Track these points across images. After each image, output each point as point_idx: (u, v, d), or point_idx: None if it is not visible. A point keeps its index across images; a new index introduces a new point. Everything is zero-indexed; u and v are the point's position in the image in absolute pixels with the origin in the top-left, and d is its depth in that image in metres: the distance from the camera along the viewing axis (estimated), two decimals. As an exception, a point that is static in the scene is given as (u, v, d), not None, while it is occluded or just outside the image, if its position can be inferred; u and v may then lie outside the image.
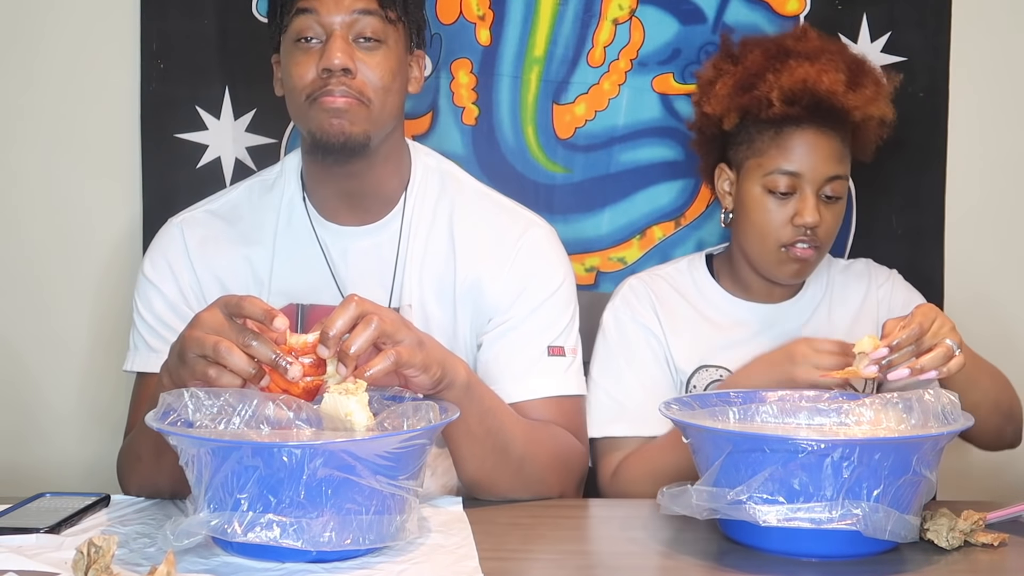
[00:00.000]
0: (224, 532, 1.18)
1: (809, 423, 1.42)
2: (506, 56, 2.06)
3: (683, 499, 1.29)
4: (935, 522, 1.32)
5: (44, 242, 2.08)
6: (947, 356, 1.43)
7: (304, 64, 1.54)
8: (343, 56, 1.52)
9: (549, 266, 1.65)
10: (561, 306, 1.64)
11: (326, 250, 1.64)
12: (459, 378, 1.39)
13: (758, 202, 1.73)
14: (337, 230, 1.64)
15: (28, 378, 2.09)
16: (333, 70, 1.52)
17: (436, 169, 1.69)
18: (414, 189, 1.66)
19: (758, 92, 1.72)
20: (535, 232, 1.67)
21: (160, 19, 2.03)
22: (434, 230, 1.65)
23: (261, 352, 1.25)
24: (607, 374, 1.74)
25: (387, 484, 1.21)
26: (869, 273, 1.87)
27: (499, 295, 1.62)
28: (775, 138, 1.72)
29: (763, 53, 1.77)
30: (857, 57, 1.79)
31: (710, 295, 1.82)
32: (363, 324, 1.28)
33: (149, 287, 1.64)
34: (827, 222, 1.72)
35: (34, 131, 2.07)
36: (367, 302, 1.30)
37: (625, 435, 1.70)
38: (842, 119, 1.73)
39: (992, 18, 2.09)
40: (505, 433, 1.49)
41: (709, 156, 1.85)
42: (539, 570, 1.29)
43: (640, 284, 1.81)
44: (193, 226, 1.66)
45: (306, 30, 1.54)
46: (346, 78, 1.52)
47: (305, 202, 1.66)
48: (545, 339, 1.62)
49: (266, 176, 1.71)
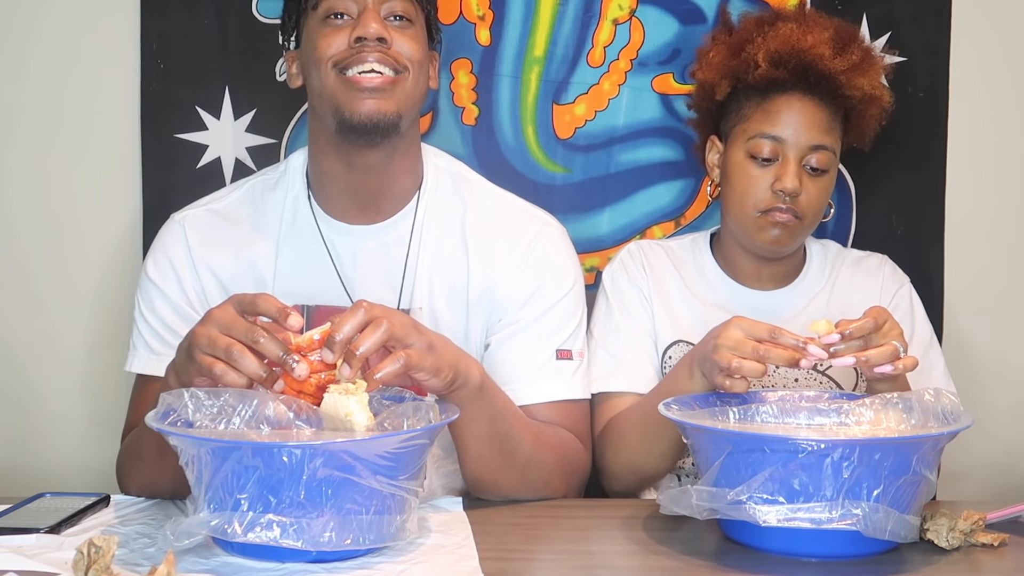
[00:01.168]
0: (224, 532, 1.18)
1: (809, 423, 1.42)
2: (506, 56, 2.06)
3: (683, 499, 1.29)
4: (935, 522, 1.32)
5: (44, 242, 2.08)
6: (893, 355, 1.42)
7: (333, 35, 1.54)
8: (379, 25, 1.52)
9: (563, 266, 1.65)
10: (571, 309, 1.64)
11: (332, 250, 1.63)
12: (472, 380, 1.39)
13: (740, 167, 1.73)
14: (345, 229, 1.63)
15: (28, 378, 2.09)
16: (368, 38, 1.51)
17: (447, 170, 1.69)
18: (427, 189, 1.65)
19: (746, 54, 1.74)
20: (548, 232, 1.66)
21: (160, 19, 2.03)
22: (445, 232, 1.64)
23: (269, 349, 1.25)
24: (606, 331, 1.76)
25: (387, 484, 1.21)
26: (883, 272, 1.85)
27: (511, 295, 1.61)
28: (761, 103, 1.73)
29: (755, 20, 1.81)
30: (849, 27, 1.80)
31: (705, 272, 1.83)
32: (372, 327, 1.27)
33: (152, 288, 1.63)
34: (810, 193, 1.70)
35: (34, 131, 2.07)
36: (377, 306, 1.30)
37: (621, 390, 1.71)
38: (831, 90, 1.72)
39: (992, 17, 2.09)
40: (514, 436, 1.48)
41: (704, 132, 1.86)
42: (539, 570, 1.29)
43: (637, 249, 1.84)
44: (195, 224, 1.65)
45: (337, 6, 1.54)
46: (381, 47, 1.52)
47: (311, 200, 1.64)
48: (554, 342, 1.61)
49: (269, 175, 1.70)
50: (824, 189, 1.73)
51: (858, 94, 1.75)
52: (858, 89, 1.74)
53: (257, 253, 1.63)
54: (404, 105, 1.55)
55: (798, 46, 1.71)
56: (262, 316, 1.27)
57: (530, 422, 1.53)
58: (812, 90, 1.71)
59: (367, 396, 1.27)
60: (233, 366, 1.24)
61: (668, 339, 1.77)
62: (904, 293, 1.83)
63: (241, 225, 1.65)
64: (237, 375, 1.25)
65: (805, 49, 1.71)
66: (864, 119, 1.80)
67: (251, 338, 1.25)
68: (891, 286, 1.83)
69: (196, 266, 1.62)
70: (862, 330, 1.42)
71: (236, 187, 1.70)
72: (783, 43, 1.72)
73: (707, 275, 1.82)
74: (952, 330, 2.09)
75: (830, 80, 1.72)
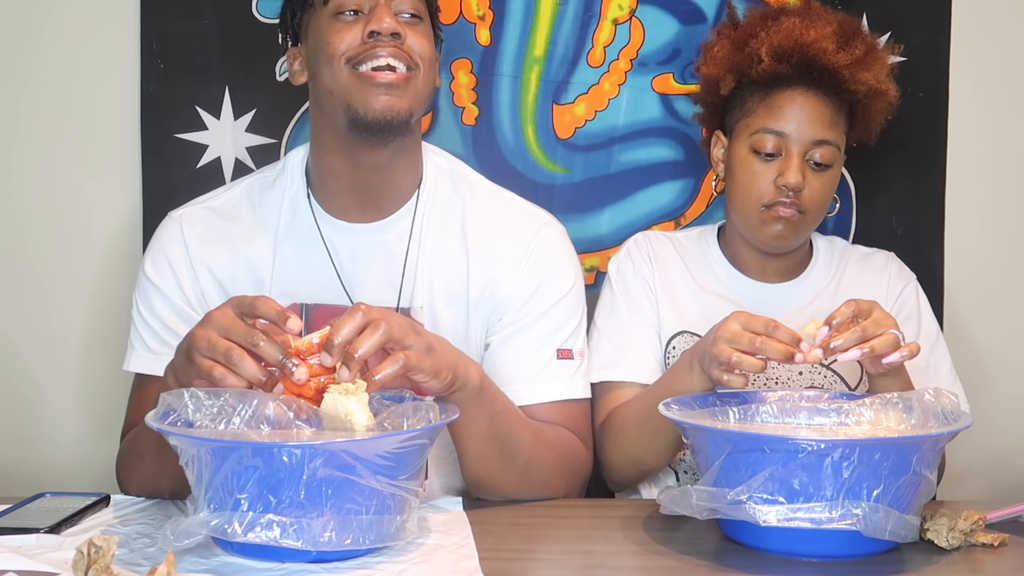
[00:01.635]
0: (224, 532, 1.18)
1: (809, 423, 1.42)
2: (506, 56, 2.06)
3: (683, 499, 1.29)
4: (935, 522, 1.32)
5: (44, 241, 2.07)
6: (895, 343, 1.42)
7: (346, 30, 1.53)
8: (392, 21, 1.52)
9: (563, 266, 1.65)
10: (571, 308, 1.64)
11: (331, 248, 1.62)
12: (471, 381, 1.39)
13: (744, 162, 1.73)
14: (344, 227, 1.62)
15: (28, 377, 2.09)
16: (383, 32, 1.51)
17: (447, 169, 1.68)
18: (426, 187, 1.65)
19: (749, 49, 1.74)
20: (548, 232, 1.66)
21: (160, 19, 2.03)
22: (445, 231, 1.63)
23: (268, 353, 1.25)
24: (610, 322, 1.77)
25: (387, 484, 1.21)
26: (889, 270, 1.84)
27: (511, 295, 1.61)
28: (764, 98, 1.73)
29: (760, 15, 1.81)
30: (853, 21, 1.79)
31: (712, 264, 1.83)
32: (371, 329, 1.27)
33: (150, 287, 1.62)
34: (814, 188, 1.70)
35: (34, 130, 2.07)
36: (375, 308, 1.30)
37: (622, 379, 1.71)
38: (835, 85, 1.72)
39: (992, 17, 2.09)
40: (513, 436, 1.48)
41: (709, 126, 1.86)
42: (539, 570, 1.29)
43: (644, 240, 1.84)
44: (193, 222, 1.64)
45: (348, 2, 1.54)
46: (395, 42, 1.52)
47: (310, 199, 1.64)
48: (555, 342, 1.61)
49: (267, 173, 1.69)
50: (828, 184, 1.73)
51: (863, 88, 1.74)
52: (862, 83, 1.74)
53: (255, 251, 1.63)
54: (416, 103, 1.55)
55: (801, 40, 1.71)
56: (261, 319, 1.27)
57: (530, 422, 1.53)
58: (816, 85, 1.71)
59: (367, 396, 1.27)
60: (232, 370, 1.24)
61: (672, 329, 1.77)
62: (911, 290, 1.83)
63: (239, 223, 1.64)
64: (236, 379, 1.25)
65: (808, 43, 1.71)
66: (869, 114, 1.79)
67: (250, 342, 1.25)
68: (897, 283, 1.82)
69: (194, 265, 1.62)
70: (844, 315, 1.42)
71: (234, 185, 1.70)
72: (786, 37, 1.72)
73: (713, 267, 1.82)
74: (952, 329, 2.08)
75: (833, 74, 1.71)
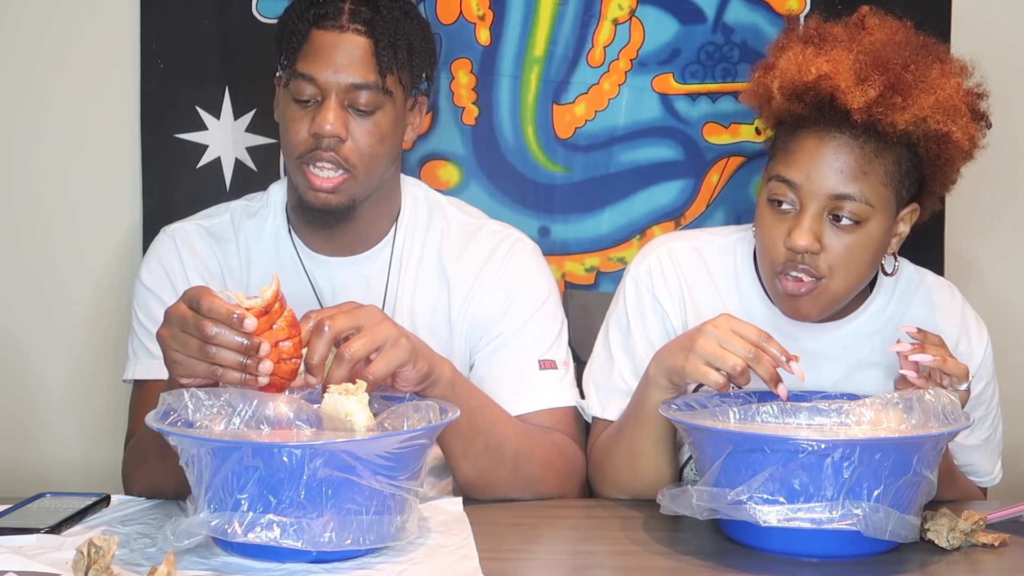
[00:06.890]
0: (224, 532, 1.18)
1: (809, 423, 1.42)
2: (506, 56, 2.05)
3: (683, 499, 1.30)
4: (935, 522, 1.32)
5: (44, 242, 2.07)
6: (967, 374, 1.41)
7: (299, 122, 1.57)
8: (335, 124, 1.54)
9: (533, 281, 1.67)
10: (548, 320, 1.66)
11: (313, 280, 1.66)
12: (444, 375, 1.43)
13: (761, 212, 1.50)
14: (324, 261, 1.67)
15: (28, 377, 2.09)
16: (324, 136, 1.54)
17: (424, 199, 1.72)
18: (404, 220, 1.69)
19: (766, 83, 1.50)
20: (519, 248, 1.69)
21: (160, 19, 2.03)
22: (424, 262, 1.67)
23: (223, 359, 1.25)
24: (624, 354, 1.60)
25: (387, 484, 1.21)
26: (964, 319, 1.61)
27: (488, 312, 1.64)
28: (786, 140, 1.48)
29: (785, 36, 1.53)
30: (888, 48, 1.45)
31: (744, 288, 1.59)
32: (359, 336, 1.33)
33: (147, 294, 1.65)
34: (835, 251, 1.44)
35: (34, 131, 2.06)
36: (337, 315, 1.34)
37: None
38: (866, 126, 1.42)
39: (992, 18, 2.09)
40: (496, 431, 1.50)
41: None
42: (539, 570, 1.29)
43: (669, 261, 1.61)
44: (186, 237, 1.68)
45: (303, 93, 1.56)
46: (335, 144, 1.55)
47: (291, 234, 1.68)
48: (535, 353, 1.63)
49: (251, 204, 1.72)
50: (857, 246, 1.44)
51: (901, 132, 1.43)
52: (896, 126, 1.42)
53: (241, 278, 1.66)
54: (359, 193, 1.59)
55: (807, 75, 1.43)
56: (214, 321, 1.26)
57: (514, 419, 1.55)
58: (839, 127, 1.43)
59: (367, 396, 1.27)
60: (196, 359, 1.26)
61: None
62: (990, 354, 1.63)
63: (227, 247, 1.68)
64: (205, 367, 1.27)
65: (816, 78, 1.43)
66: (937, 162, 1.48)
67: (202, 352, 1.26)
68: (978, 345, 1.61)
69: (188, 273, 1.65)
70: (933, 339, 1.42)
71: (224, 209, 1.72)
72: (790, 70, 1.45)
73: (744, 290, 1.59)
74: (952, 330, 2.08)
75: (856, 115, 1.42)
